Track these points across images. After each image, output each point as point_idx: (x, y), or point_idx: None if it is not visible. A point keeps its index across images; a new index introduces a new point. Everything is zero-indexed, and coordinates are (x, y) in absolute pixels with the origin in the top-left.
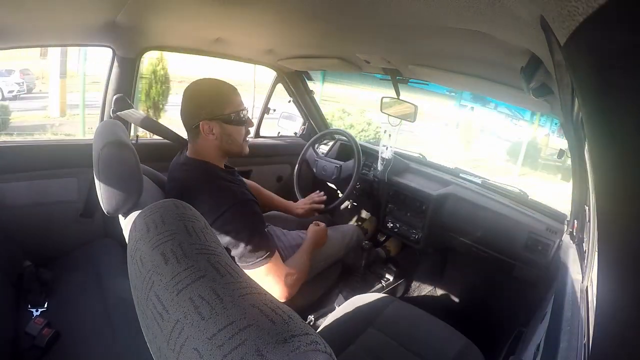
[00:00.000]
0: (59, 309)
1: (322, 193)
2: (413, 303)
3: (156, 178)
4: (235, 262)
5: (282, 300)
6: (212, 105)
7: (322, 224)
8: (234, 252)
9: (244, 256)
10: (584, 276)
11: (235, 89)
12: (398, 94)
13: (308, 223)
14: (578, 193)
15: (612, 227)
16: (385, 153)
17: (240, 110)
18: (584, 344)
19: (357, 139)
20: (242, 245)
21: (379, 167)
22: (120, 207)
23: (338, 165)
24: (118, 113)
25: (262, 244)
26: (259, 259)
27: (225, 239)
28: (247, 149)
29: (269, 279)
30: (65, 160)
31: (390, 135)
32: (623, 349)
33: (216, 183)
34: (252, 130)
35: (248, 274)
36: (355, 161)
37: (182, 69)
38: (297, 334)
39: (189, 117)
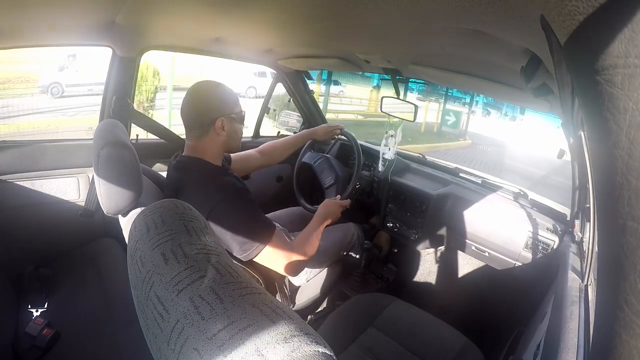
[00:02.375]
0: (59, 309)
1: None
2: (413, 303)
3: (155, 178)
4: (239, 250)
5: (291, 276)
6: (227, 103)
7: (338, 198)
8: (235, 241)
9: (246, 243)
10: (584, 276)
11: None
12: (398, 93)
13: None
14: (578, 193)
15: (612, 227)
16: (388, 154)
17: (243, 110)
18: (584, 344)
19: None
20: (242, 232)
21: (380, 167)
22: (120, 207)
23: (333, 175)
24: (118, 113)
25: (261, 226)
26: (261, 242)
27: (223, 229)
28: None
29: (274, 257)
30: (65, 160)
31: (392, 136)
32: (623, 349)
33: (209, 176)
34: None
35: (255, 259)
36: (355, 161)
37: None
38: (298, 334)
39: (202, 114)
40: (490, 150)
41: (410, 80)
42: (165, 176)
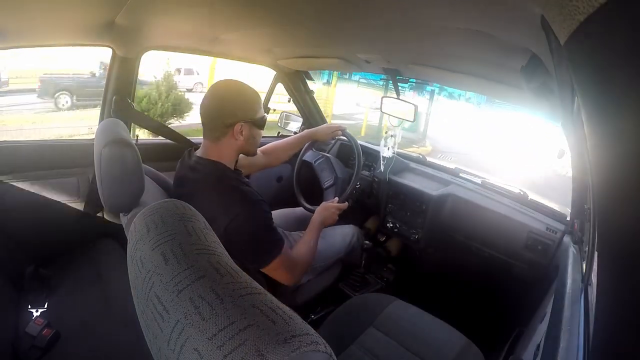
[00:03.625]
0: (59, 309)
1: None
2: (413, 303)
3: (157, 178)
4: (251, 260)
5: (290, 284)
6: (249, 107)
7: (335, 201)
8: (249, 251)
9: (258, 255)
10: (584, 276)
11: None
12: (398, 94)
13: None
14: (578, 193)
15: (612, 227)
16: (387, 152)
17: (264, 115)
18: (584, 344)
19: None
20: (256, 244)
21: (381, 167)
22: (122, 205)
23: (333, 176)
24: (119, 113)
25: (275, 241)
26: (272, 255)
27: (240, 239)
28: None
29: (279, 270)
30: (66, 160)
31: (392, 136)
32: (623, 349)
33: (227, 184)
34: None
35: (263, 270)
36: (355, 161)
37: None
38: (298, 334)
39: (222, 116)
40: (457, 159)
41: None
42: (165, 176)
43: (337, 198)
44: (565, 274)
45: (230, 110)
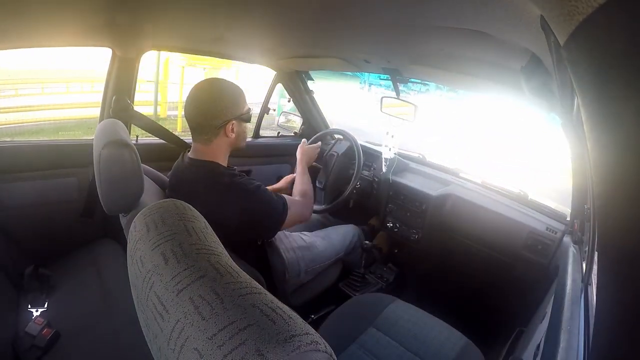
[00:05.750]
0: (59, 309)
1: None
2: (413, 303)
3: (156, 178)
4: (271, 233)
5: (309, 219)
6: (235, 105)
7: (304, 142)
8: (266, 228)
9: (276, 223)
10: (584, 276)
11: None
12: (398, 93)
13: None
14: (578, 193)
15: (612, 227)
16: (388, 153)
17: (249, 107)
18: (584, 344)
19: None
20: (270, 219)
21: (383, 168)
22: (121, 206)
23: (335, 154)
24: (118, 113)
25: (279, 207)
26: (282, 219)
27: (254, 223)
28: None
29: (292, 221)
30: (65, 160)
31: (393, 136)
32: (623, 350)
33: (224, 182)
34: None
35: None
36: (355, 161)
37: None
38: (298, 334)
39: (211, 117)
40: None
41: None
42: (165, 176)
43: (304, 140)
44: (565, 274)
45: (219, 111)
